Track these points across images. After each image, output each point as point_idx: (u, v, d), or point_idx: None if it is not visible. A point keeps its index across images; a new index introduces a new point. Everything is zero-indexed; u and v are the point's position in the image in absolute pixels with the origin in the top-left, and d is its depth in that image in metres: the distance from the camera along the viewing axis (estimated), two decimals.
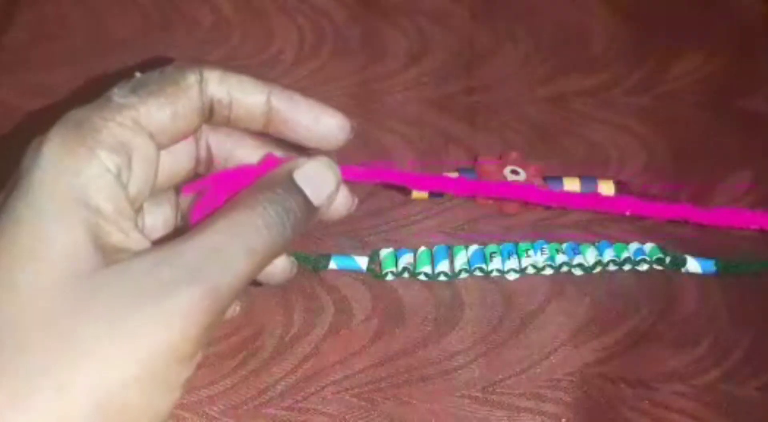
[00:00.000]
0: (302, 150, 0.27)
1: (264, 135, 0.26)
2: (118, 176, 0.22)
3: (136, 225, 0.23)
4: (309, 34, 0.46)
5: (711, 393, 0.37)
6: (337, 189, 0.26)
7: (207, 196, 0.25)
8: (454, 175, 0.41)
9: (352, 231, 0.40)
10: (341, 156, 0.42)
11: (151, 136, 0.23)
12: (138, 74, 0.24)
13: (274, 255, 0.23)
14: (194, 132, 0.25)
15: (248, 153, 0.27)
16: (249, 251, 0.22)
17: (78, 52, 0.44)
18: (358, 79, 0.45)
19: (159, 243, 0.22)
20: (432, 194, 0.41)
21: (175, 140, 0.25)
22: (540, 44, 0.47)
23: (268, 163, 0.25)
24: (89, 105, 0.23)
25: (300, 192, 0.24)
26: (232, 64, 0.44)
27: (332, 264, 0.38)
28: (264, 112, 0.25)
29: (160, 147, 0.24)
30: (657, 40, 0.48)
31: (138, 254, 0.21)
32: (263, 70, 0.44)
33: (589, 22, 0.48)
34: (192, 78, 0.24)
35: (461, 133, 0.43)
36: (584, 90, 0.46)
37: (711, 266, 0.39)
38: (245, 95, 0.25)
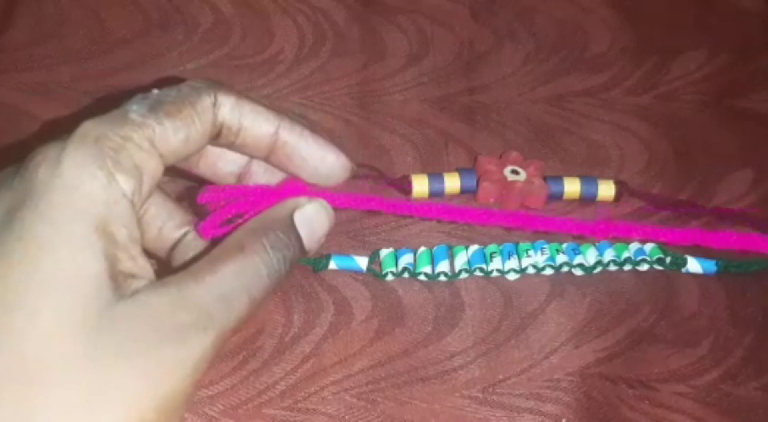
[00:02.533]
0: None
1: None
2: (132, 201, 0.22)
3: (142, 250, 0.22)
4: (309, 34, 0.46)
5: (711, 393, 0.37)
6: (327, 232, 0.26)
7: (220, 212, 0.25)
8: (454, 175, 0.41)
9: (352, 232, 0.40)
10: None
11: (161, 156, 0.23)
12: (155, 91, 0.24)
13: (268, 298, 0.24)
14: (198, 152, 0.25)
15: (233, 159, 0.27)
16: (251, 299, 0.23)
17: (78, 52, 0.44)
18: (358, 79, 0.45)
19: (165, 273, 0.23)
20: (432, 194, 0.41)
21: (180, 160, 0.24)
22: (540, 44, 0.47)
23: (286, 189, 0.26)
24: (105, 117, 0.22)
25: (298, 236, 0.25)
26: (232, 63, 0.44)
27: (332, 265, 0.38)
28: (270, 143, 0.25)
29: (165, 165, 0.24)
30: (657, 40, 0.48)
31: (152, 289, 0.21)
32: (263, 70, 0.44)
33: (589, 22, 0.48)
34: (207, 101, 0.24)
35: (461, 133, 0.43)
36: (584, 90, 0.46)
37: (711, 266, 0.39)
38: (256, 124, 0.25)
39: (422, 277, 0.38)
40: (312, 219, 0.26)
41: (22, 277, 0.20)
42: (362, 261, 0.38)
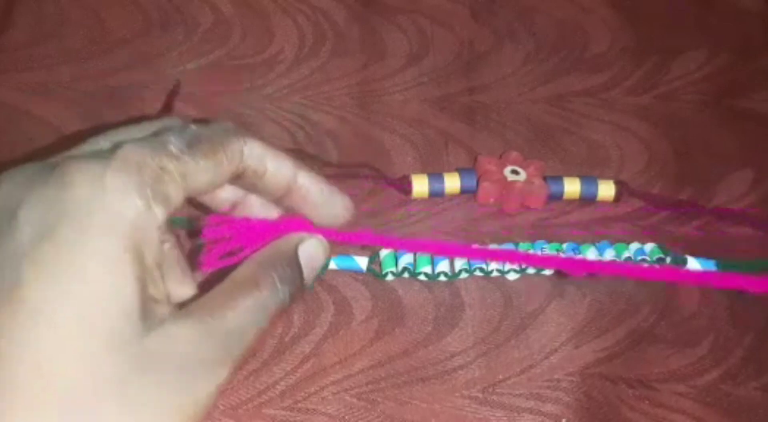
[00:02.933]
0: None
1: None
2: (160, 228, 0.23)
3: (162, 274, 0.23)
4: (309, 34, 0.46)
5: (711, 393, 0.37)
6: (323, 266, 0.28)
7: (221, 246, 0.25)
8: (454, 175, 0.41)
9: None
10: (344, 156, 0.42)
11: (186, 190, 0.24)
12: (193, 126, 0.24)
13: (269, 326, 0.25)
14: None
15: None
16: (259, 330, 0.24)
17: (78, 52, 0.44)
18: (358, 79, 0.45)
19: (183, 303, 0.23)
20: (432, 194, 0.41)
21: (199, 195, 0.26)
22: (540, 44, 0.47)
23: (289, 224, 0.27)
24: (146, 144, 0.23)
25: (301, 270, 0.26)
26: (232, 63, 0.44)
27: (332, 265, 0.38)
28: (288, 187, 0.26)
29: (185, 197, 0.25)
30: (657, 40, 0.48)
31: (178, 322, 0.22)
32: (263, 70, 0.44)
33: (589, 22, 0.48)
34: (237, 146, 0.25)
35: (461, 133, 0.43)
36: (584, 90, 0.46)
37: (711, 266, 0.39)
38: (278, 171, 0.26)
39: (422, 277, 0.38)
40: (312, 254, 0.27)
41: (54, 289, 0.20)
42: (362, 262, 0.38)
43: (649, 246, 0.39)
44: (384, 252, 0.39)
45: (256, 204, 0.28)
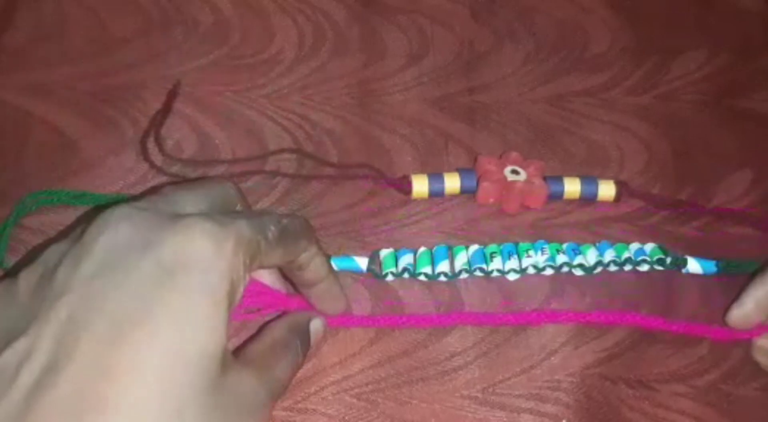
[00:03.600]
0: None
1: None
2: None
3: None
4: (309, 33, 0.46)
5: (711, 393, 0.37)
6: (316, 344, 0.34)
7: (246, 303, 0.31)
8: (454, 175, 0.41)
9: (352, 232, 0.40)
10: (344, 156, 0.42)
11: (261, 264, 0.29)
12: (285, 221, 0.29)
13: None
14: None
15: None
16: (289, 380, 0.30)
17: (78, 52, 0.44)
18: (358, 78, 0.45)
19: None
20: (432, 194, 0.41)
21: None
22: (540, 44, 0.47)
23: (298, 301, 0.34)
24: (255, 225, 0.27)
25: (310, 340, 0.32)
26: (232, 63, 0.44)
27: (332, 265, 0.38)
28: (314, 283, 0.32)
29: None
30: (657, 40, 0.48)
31: (243, 370, 0.27)
32: (263, 70, 0.44)
33: (589, 22, 0.48)
34: (303, 245, 0.30)
35: (461, 133, 0.43)
36: (584, 90, 0.46)
37: (711, 266, 0.39)
38: (318, 270, 0.32)
39: (422, 277, 0.38)
40: (318, 329, 0.33)
41: (171, 325, 0.24)
42: (362, 262, 0.38)
43: (649, 247, 0.39)
44: (384, 252, 0.39)
45: (265, 273, 0.33)
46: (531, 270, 0.39)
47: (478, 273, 0.38)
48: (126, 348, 0.23)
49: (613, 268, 0.39)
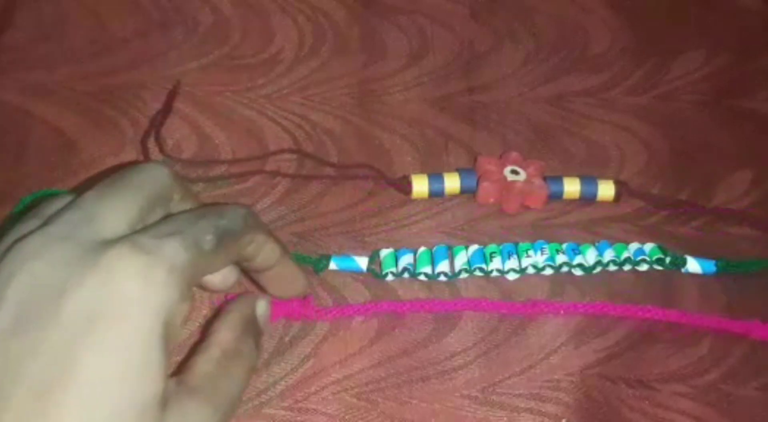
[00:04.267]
0: None
1: None
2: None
3: None
4: (309, 33, 0.46)
5: (711, 393, 0.37)
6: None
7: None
8: (454, 175, 0.41)
9: (352, 232, 0.40)
10: (344, 156, 0.42)
11: (204, 276, 0.26)
12: (224, 221, 0.26)
13: None
14: None
15: None
16: (246, 387, 0.27)
17: (78, 52, 0.44)
18: (358, 78, 0.45)
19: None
20: (432, 194, 0.41)
21: None
22: (540, 44, 0.47)
23: (290, 306, 0.35)
24: (187, 242, 0.24)
25: (261, 328, 0.29)
26: (232, 63, 0.44)
27: (332, 265, 0.38)
28: (267, 268, 0.29)
29: None
30: (657, 40, 0.48)
31: (188, 399, 0.24)
32: (263, 70, 0.44)
33: (589, 22, 0.48)
34: (248, 239, 0.27)
35: (461, 133, 0.43)
36: (584, 90, 0.46)
37: (711, 266, 0.39)
38: (268, 257, 0.28)
39: (422, 277, 0.38)
40: (265, 312, 0.30)
41: (103, 368, 0.22)
42: (362, 262, 0.38)
43: (648, 247, 0.39)
44: (384, 252, 0.39)
45: None
46: (531, 270, 0.39)
47: (477, 273, 0.38)
48: (52, 417, 0.21)
49: (612, 268, 0.39)
